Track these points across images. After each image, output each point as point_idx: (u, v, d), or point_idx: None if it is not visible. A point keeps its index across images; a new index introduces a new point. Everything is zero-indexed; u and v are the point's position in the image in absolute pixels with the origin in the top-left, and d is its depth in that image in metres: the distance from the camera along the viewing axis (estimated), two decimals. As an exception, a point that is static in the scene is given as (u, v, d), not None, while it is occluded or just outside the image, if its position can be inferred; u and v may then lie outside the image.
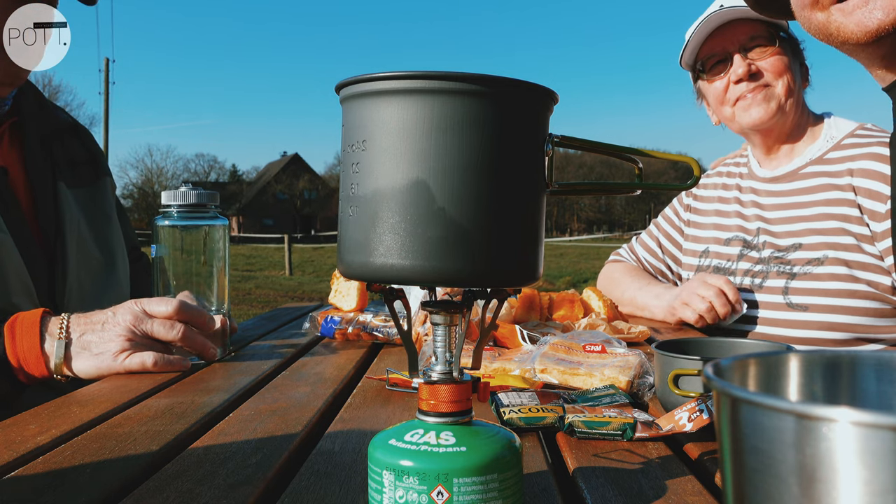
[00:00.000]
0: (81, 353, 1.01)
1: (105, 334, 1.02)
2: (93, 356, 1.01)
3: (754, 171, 1.65)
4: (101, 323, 1.03)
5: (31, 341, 0.99)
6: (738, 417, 0.32)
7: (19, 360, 0.98)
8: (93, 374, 1.01)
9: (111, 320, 1.03)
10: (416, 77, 0.50)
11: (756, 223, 1.56)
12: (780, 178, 1.56)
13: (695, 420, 0.70)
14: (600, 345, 1.04)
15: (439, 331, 0.55)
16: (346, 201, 0.54)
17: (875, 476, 0.27)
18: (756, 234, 1.55)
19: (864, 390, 0.42)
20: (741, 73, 1.49)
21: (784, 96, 1.50)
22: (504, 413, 0.78)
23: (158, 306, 1.05)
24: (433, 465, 0.50)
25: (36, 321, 1.01)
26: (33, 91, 1.29)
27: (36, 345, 0.99)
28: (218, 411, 0.86)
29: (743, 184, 1.66)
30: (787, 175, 1.54)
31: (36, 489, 0.60)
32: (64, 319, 1.02)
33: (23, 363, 0.99)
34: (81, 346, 1.01)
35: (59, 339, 1.00)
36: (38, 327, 1.00)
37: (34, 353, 0.99)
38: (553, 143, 0.54)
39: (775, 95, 1.50)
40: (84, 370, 1.01)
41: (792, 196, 1.51)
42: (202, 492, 0.60)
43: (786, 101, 1.50)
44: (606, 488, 0.61)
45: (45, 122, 1.27)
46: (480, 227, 0.50)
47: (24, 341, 0.99)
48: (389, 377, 0.96)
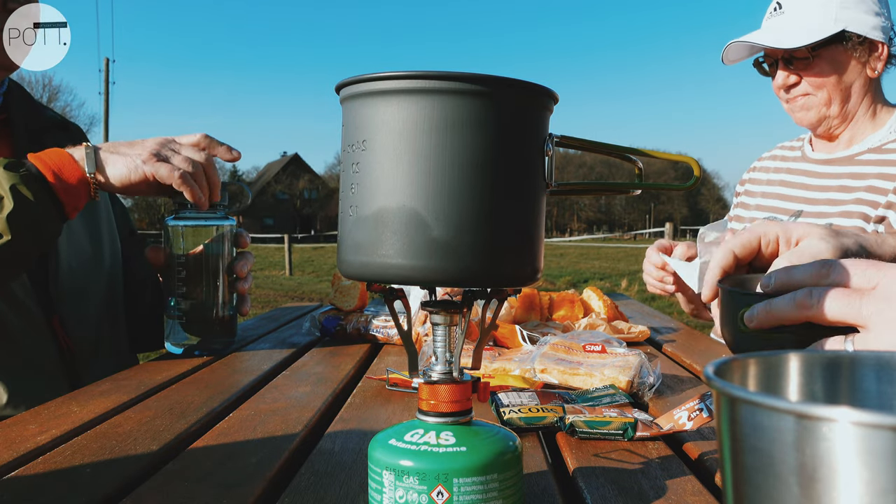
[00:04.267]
0: (111, 156, 1.03)
1: (134, 146, 1.06)
2: (123, 157, 1.03)
3: (807, 154, 1.65)
4: (130, 142, 1.07)
5: (59, 155, 1.01)
6: (737, 417, 0.32)
7: (54, 172, 1.00)
8: (124, 176, 1.03)
9: (139, 140, 1.07)
10: (417, 77, 0.50)
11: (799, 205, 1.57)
12: (834, 161, 1.55)
13: (695, 419, 0.70)
14: (600, 345, 1.04)
15: (439, 331, 0.55)
16: (346, 201, 0.54)
17: (875, 476, 0.27)
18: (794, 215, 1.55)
19: (864, 390, 0.42)
20: (780, 83, 1.53)
21: (824, 105, 1.50)
22: (504, 413, 0.78)
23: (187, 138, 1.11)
24: (433, 465, 0.50)
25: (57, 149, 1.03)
26: (21, 90, 1.30)
27: (66, 155, 1.01)
28: (218, 411, 0.86)
29: (794, 166, 1.66)
30: (842, 159, 1.54)
31: (36, 489, 0.60)
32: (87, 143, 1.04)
33: (58, 173, 1.00)
34: (110, 152, 1.04)
35: (87, 149, 1.02)
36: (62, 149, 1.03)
37: (67, 160, 1.01)
38: (553, 143, 0.54)
39: (814, 105, 1.51)
40: (116, 174, 1.02)
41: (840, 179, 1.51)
42: (202, 492, 0.60)
43: (828, 109, 1.51)
44: (606, 488, 0.61)
45: (34, 119, 1.28)
46: (480, 226, 0.50)
47: (53, 156, 1.01)
48: (389, 377, 0.96)
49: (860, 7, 1.44)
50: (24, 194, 0.95)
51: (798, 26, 1.45)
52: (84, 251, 1.24)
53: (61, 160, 1.00)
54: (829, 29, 1.42)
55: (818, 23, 1.43)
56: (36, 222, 0.98)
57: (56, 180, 0.99)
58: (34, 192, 0.96)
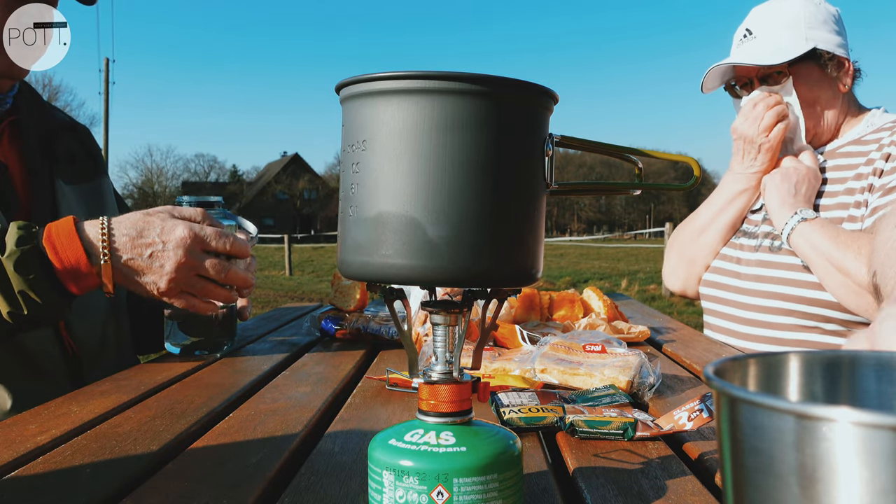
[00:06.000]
0: (126, 278, 1.00)
1: (153, 268, 0.99)
2: (142, 285, 1.00)
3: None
4: (150, 253, 0.99)
5: (76, 255, 0.96)
6: (737, 417, 0.32)
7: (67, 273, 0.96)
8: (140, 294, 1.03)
9: (159, 253, 0.99)
10: (417, 77, 0.50)
11: None
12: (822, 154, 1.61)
13: (695, 419, 0.70)
14: (600, 345, 1.04)
15: (439, 331, 0.55)
16: (346, 201, 0.54)
17: (875, 476, 0.27)
18: None
19: (864, 390, 0.42)
20: None
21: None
22: (504, 413, 0.78)
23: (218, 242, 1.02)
24: (433, 465, 0.50)
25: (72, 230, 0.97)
26: (31, 92, 1.30)
27: (83, 256, 0.96)
28: (218, 411, 0.86)
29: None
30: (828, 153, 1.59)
31: (36, 489, 0.60)
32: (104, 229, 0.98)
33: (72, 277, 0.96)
34: (125, 274, 0.99)
35: (102, 259, 0.97)
36: (78, 240, 0.96)
37: (83, 262, 0.96)
38: (553, 143, 0.54)
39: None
40: (134, 291, 1.02)
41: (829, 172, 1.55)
42: (202, 492, 0.60)
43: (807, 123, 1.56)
44: (606, 488, 0.61)
45: (43, 121, 1.28)
46: (480, 226, 0.50)
47: (70, 253, 0.96)
48: (389, 377, 0.96)
49: (824, 27, 1.54)
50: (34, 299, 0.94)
51: (772, 47, 1.53)
52: None
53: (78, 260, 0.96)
54: (801, 48, 1.51)
55: (790, 43, 1.52)
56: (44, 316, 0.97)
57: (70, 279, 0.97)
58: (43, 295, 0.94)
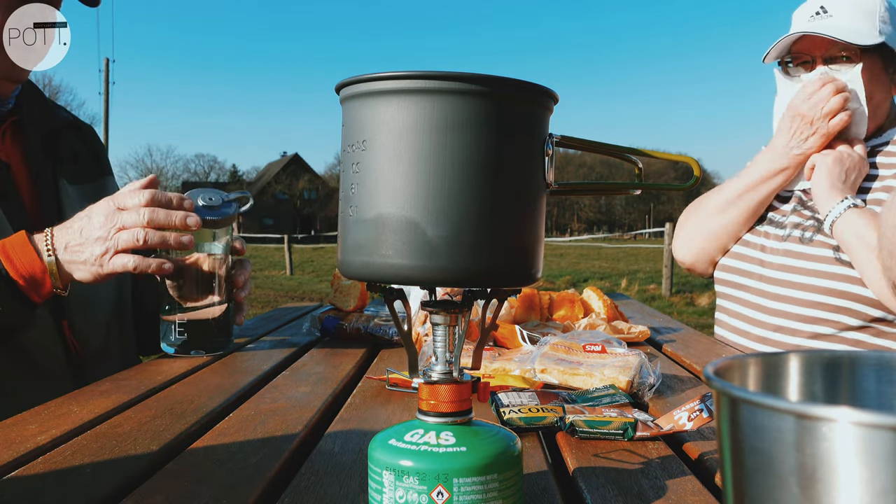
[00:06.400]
0: (72, 265, 1.04)
1: (84, 242, 1.04)
2: (83, 265, 1.04)
3: None
4: (79, 230, 1.05)
5: (29, 257, 1.02)
6: (737, 417, 0.32)
7: (24, 278, 1.00)
8: (91, 281, 1.05)
9: (86, 225, 1.05)
10: (417, 77, 0.50)
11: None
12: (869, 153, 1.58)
13: (695, 419, 0.70)
14: (600, 345, 1.04)
15: (439, 331, 0.55)
16: (346, 201, 0.54)
17: (875, 476, 0.27)
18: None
19: (864, 390, 0.42)
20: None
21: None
22: (504, 413, 0.78)
23: (131, 199, 1.06)
24: (433, 465, 0.50)
25: (25, 240, 1.02)
26: (34, 90, 1.30)
27: (36, 259, 1.02)
28: (218, 411, 0.86)
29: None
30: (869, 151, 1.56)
31: (36, 489, 0.60)
32: (48, 236, 1.04)
33: (28, 280, 1.01)
34: (69, 259, 1.04)
35: (48, 256, 1.03)
36: (30, 245, 1.02)
37: (38, 267, 1.02)
38: (553, 143, 0.54)
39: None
40: (84, 279, 1.05)
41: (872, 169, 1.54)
42: (202, 492, 0.60)
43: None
44: (606, 488, 0.61)
45: (46, 119, 1.27)
46: (480, 226, 0.50)
47: (23, 259, 1.01)
48: (389, 377, 0.96)
49: (892, 25, 1.48)
50: None
51: (849, 29, 1.46)
52: None
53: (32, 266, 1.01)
54: (875, 37, 1.45)
55: (866, 29, 1.46)
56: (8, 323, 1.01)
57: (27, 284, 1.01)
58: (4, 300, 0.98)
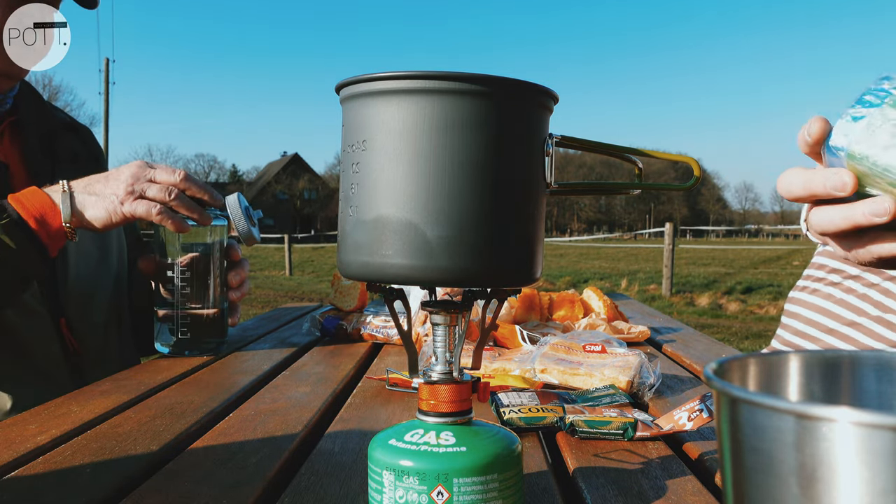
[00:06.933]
0: (88, 198, 1.03)
1: (110, 182, 1.04)
2: (100, 199, 1.03)
3: None
4: (106, 176, 1.05)
5: (40, 198, 1.01)
6: (737, 417, 0.32)
7: (35, 218, 0.99)
8: (104, 219, 1.03)
9: (114, 173, 1.05)
10: (417, 77, 0.50)
11: None
12: None
13: (695, 419, 0.70)
14: (600, 345, 1.04)
15: (439, 331, 0.55)
16: (346, 201, 0.54)
17: (875, 476, 0.27)
18: None
19: (864, 390, 0.42)
20: None
21: None
22: (504, 413, 0.78)
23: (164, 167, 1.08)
24: (433, 465, 0.50)
25: (36, 189, 1.02)
26: (32, 91, 1.30)
27: (47, 200, 1.01)
28: (218, 411, 0.86)
29: None
30: None
31: (36, 489, 0.60)
32: (64, 183, 1.03)
33: (41, 219, 0.99)
34: (87, 194, 1.03)
35: (63, 192, 1.02)
36: (41, 190, 1.02)
37: (49, 206, 1.00)
38: (553, 143, 0.54)
39: None
40: (96, 217, 1.03)
41: None
42: (202, 492, 0.60)
43: None
44: (606, 488, 0.61)
45: (44, 120, 1.28)
46: (480, 226, 0.50)
47: (34, 200, 1.00)
48: (389, 377, 0.96)
49: None
50: (7, 243, 0.96)
51: None
52: (92, 256, 1.25)
53: (43, 205, 1.00)
54: None
55: None
56: (18, 268, 0.99)
57: (39, 226, 0.99)
58: (17, 240, 0.97)
